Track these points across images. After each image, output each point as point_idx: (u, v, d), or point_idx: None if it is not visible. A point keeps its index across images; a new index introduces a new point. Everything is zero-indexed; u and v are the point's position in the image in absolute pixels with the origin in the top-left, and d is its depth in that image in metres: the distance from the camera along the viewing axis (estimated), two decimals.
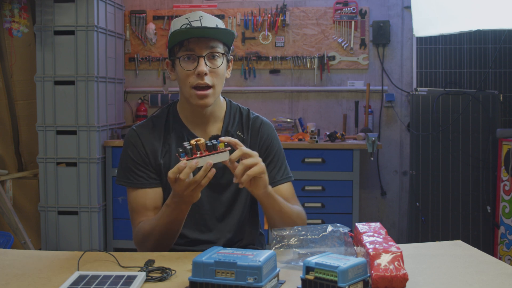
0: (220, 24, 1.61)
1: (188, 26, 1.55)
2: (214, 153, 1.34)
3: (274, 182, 1.64)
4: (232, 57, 1.67)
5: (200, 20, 1.56)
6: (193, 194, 1.37)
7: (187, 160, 1.32)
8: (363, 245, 1.22)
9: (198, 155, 1.33)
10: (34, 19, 3.56)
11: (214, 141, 1.34)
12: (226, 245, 1.63)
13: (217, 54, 1.56)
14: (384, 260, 1.14)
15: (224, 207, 1.65)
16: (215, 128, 1.65)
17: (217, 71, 1.56)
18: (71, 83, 3.47)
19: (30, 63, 3.60)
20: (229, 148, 1.37)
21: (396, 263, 1.13)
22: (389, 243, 1.20)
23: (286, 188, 1.67)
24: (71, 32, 3.45)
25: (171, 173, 1.33)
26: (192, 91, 1.55)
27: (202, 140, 1.35)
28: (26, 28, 3.60)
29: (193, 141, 1.34)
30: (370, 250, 1.16)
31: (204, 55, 1.54)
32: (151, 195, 1.61)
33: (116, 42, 3.84)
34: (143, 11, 4.10)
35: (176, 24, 1.58)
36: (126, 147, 1.65)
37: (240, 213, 1.66)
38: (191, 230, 1.63)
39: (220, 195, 1.64)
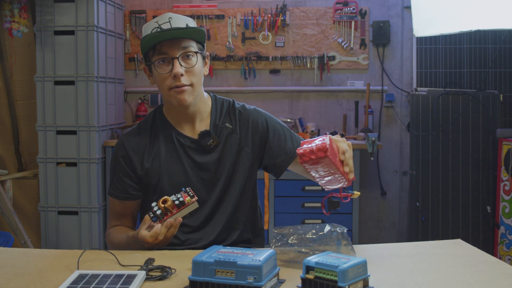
0: (191, 23, 1.61)
1: (159, 29, 1.55)
2: (183, 208, 1.40)
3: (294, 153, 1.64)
4: (208, 53, 1.68)
5: (169, 21, 1.55)
6: (161, 245, 1.43)
7: (160, 223, 1.38)
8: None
9: (169, 214, 1.39)
10: (34, 19, 3.56)
11: (180, 198, 1.39)
12: (223, 232, 1.63)
13: (191, 54, 1.56)
14: (306, 144, 1.28)
15: (215, 200, 1.64)
16: (203, 124, 1.66)
17: (193, 70, 1.57)
18: (71, 83, 3.47)
19: (30, 63, 3.60)
20: (196, 198, 1.41)
21: (316, 141, 1.26)
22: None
23: None
24: (71, 32, 3.45)
25: (149, 238, 1.38)
26: (170, 92, 1.56)
27: (170, 200, 1.39)
28: (26, 28, 3.60)
29: (161, 205, 1.38)
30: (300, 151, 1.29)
31: (177, 56, 1.54)
32: (126, 206, 1.67)
33: (116, 42, 3.84)
34: (143, 11, 4.10)
35: (147, 29, 1.57)
36: (112, 158, 1.70)
37: (233, 205, 1.65)
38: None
39: (212, 188, 1.64)
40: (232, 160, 1.63)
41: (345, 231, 1.32)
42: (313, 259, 1.12)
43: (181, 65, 1.54)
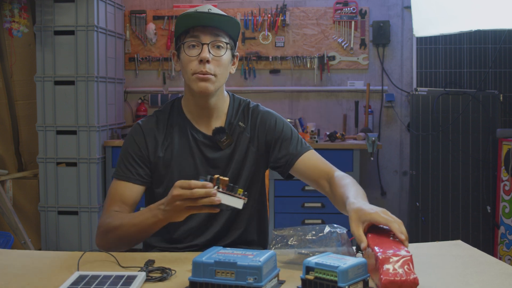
0: None
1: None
2: (230, 194, 1.32)
3: (297, 155, 1.63)
4: (238, 53, 1.68)
5: (208, 11, 1.58)
6: (181, 211, 1.33)
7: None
8: (372, 249, 1.17)
9: (216, 188, 1.31)
10: (34, 19, 3.56)
11: (236, 186, 1.32)
12: (221, 233, 1.63)
13: (221, 44, 1.57)
14: (393, 264, 1.09)
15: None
16: (219, 122, 1.66)
17: (220, 60, 1.56)
18: (71, 83, 3.47)
19: (30, 63, 3.60)
20: (246, 199, 1.34)
21: (406, 267, 1.09)
22: (399, 246, 1.16)
23: (312, 156, 1.66)
24: (71, 32, 3.45)
25: (182, 183, 1.30)
26: (193, 77, 1.56)
27: (227, 180, 1.32)
28: (26, 28, 3.60)
29: (216, 176, 1.32)
30: (379, 254, 1.11)
31: (208, 42, 1.55)
32: (132, 190, 1.60)
33: (116, 42, 3.84)
34: (143, 11, 4.10)
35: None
36: (126, 141, 1.66)
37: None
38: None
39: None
40: (240, 158, 1.64)
41: (345, 231, 1.32)
42: (313, 259, 1.12)
43: (209, 52, 1.54)
